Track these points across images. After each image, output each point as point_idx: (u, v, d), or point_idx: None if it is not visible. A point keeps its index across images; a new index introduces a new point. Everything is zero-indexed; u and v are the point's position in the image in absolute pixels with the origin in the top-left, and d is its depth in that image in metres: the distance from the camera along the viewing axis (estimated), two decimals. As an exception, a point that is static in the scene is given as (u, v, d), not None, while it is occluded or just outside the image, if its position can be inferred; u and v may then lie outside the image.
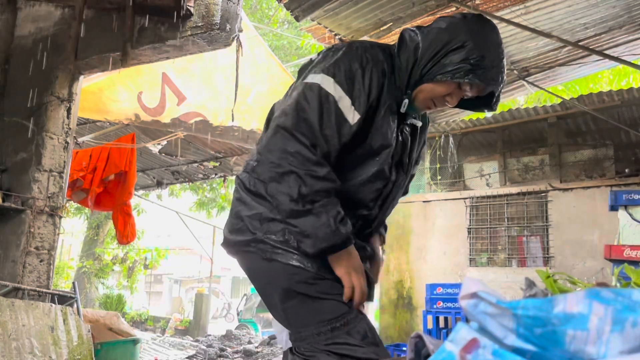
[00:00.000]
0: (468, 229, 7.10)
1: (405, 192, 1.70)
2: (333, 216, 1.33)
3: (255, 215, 1.45)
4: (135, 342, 5.05)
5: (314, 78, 1.39)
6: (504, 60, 1.47)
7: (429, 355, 0.79)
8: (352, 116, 1.37)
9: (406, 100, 1.47)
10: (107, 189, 6.12)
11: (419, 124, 1.61)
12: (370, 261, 1.62)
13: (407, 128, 1.57)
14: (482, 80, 1.39)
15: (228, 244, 1.55)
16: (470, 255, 7.05)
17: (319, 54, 1.51)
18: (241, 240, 1.47)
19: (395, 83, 1.47)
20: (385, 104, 1.44)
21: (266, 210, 1.43)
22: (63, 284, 13.46)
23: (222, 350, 8.31)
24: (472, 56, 1.37)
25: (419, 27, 1.50)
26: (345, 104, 1.36)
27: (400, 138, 1.54)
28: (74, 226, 18.28)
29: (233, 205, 1.54)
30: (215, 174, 8.18)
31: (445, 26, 1.43)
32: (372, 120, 1.43)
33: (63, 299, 3.62)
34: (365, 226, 1.55)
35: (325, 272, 1.39)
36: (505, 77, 1.49)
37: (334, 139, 1.36)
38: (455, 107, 1.54)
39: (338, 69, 1.38)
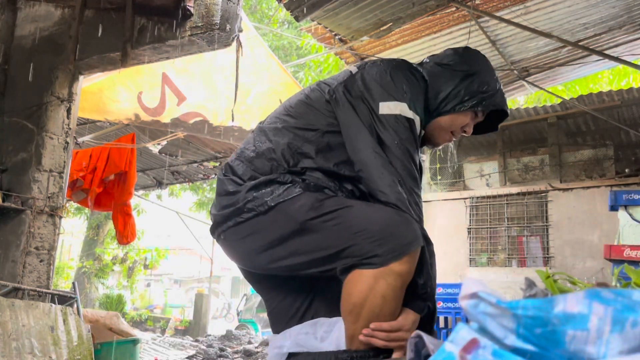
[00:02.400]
0: (468, 229, 7.10)
1: None
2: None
3: (247, 184, 1.39)
4: (135, 342, 5.05)
5: (394, 108, 1.38)
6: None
7: (429, 355, 0.79)
8: (419, 128, 1.44)
9: (422, 131, 1.52)
10: (107, 189, 6.12)
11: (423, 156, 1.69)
12: None
13: None
14: (496, 105, 1.52)
15: (218, 223, 1.45)
16: (470, 255, 7.05)
17: (359, 68, 1.49)
18: (234, 209, 1.38)
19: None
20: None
21: (262, 176, 1.39)
22: (63, 284, 13.47)
23: (222, 350, 8.31)
24: (481, 85, 1.49)
25: (418, 65, 1.59)
26: (417, 124, 1.42)
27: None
28: (74, 226, 18.28)
29: (220, 186, 1.47)
30: (215, 174, 8.18)
31: (447, 61, 1.54)
32: None
33: (63, 299, 3.62)
34: None
35: (328, 193, 1.36)
36: None
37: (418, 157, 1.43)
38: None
39: (402, 89, 1.41)
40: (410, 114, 1.39)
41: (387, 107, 1.38)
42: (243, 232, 1.40)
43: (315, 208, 1.31)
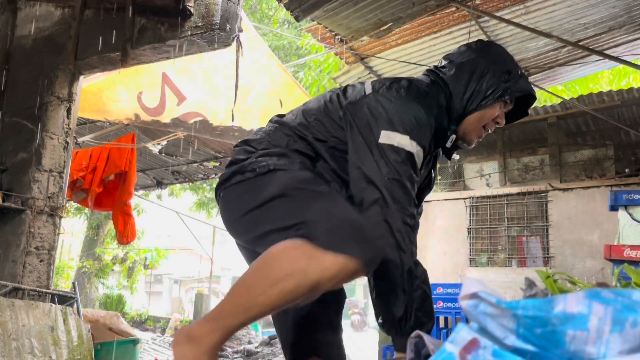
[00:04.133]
0: (468, 229, 7.10)
1: None
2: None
3: (258, 153, 1.43)
4: (135, 342, 5.05)
5: (394, 139, 1.37)
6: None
7: (429, 355, 0.79)
8: (420, 162, 1.43)
9: (453, 136, 1.53)
10: (107, 189, 6.12)
11: (457, 156, 1.68)
12: None
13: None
14: (522, 90, 1.52)
15: (222, 182, 1.47)
16: (470, 255, 7.05)
17: (374, 89, 1.48)
18: (239, 166, 1.42)
19: (441, 122, 1.52)
20: (436, 144, 1.53)
21: (276, 149, 1.42)
22: (63, 284, 13.47)
23: (222, 350, 8.31)
24: (502, 75, 1.49)
25: (432, 69, 1.60)
26: (420, 157, 1.41)
27: (432, 173, 1.63)
28: (74, 226, 18.28)
29: (231, 157, 1.50)
30: (215, 174, 8.18)
31: (462, 59, 1.54)
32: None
33: (63, 299, 3.62)
34: None
35: (323, 180, 1.38)
36: None
37: (415, 192, 1.42)
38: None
39: (409, 121, 1.40)
40: (411, 146, 1.37)
41: (387, 137, 1.37)
42: (239, 190, 1.41)
43: (306, 181, 1.33)
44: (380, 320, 1.35)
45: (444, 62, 1.59)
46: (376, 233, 1.26)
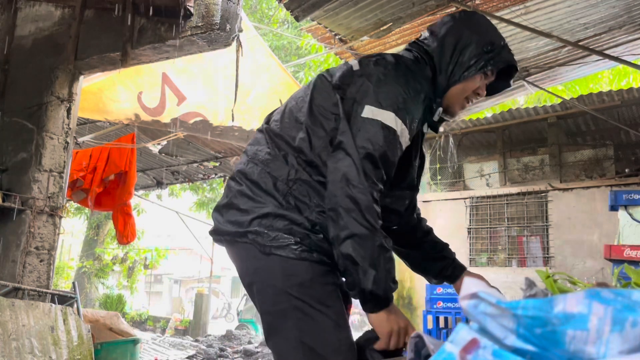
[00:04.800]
0: (468, 229, 7.10)
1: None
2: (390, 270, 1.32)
3: (258, 209, 1.38)
4: (135, 342, 5.05)
5: (378, 114, 1.34)
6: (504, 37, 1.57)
7: (429, 355, 0.79)
8: (405, 142, 1.39)
9: (440, 109, 1.52)
10: (107, 189, 6.12)
11: (441, 129, 1.67)
12: None
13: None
14: (505, 61, 1.50)
15: (220, 233, 1.47)
16: (470, 255, 7.05)
17: (361, 65, 1.46)
18: (237, 231, 1.40)
19: (428, 95, 1.50)
20: (424, 120, 1.51)
21: (273, 206, 1.38)
22: (63, 284, 13.47)
23: (222, 350, 8.32)
24: (484, 45, 1.47)
25: (416, 42, 1.58)
26: (404, 136, 1.38)
27: (423, 150, 1.63)
28: (74, 226, 18.29)
29: (232, 196, 1.46)
30: (215, 174, 8.18)
31: (445, 31, 1.52)
32: (414, 137, 1.48)
33: (63, 299, 3.62)
34: (401, 233, 1.65)
35: (322, 277, 1.36)
36: None
37: (392, 169, 1.38)
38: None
39: (395, 99, 1.37)
40: (395, 124, 1.34)
41: (371, 112, 1.34)
42: (241, 252, 1.44)
43: (301, 285, 1.33)
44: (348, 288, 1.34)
45: (427, 34, 1.56)
46: (345, 205, 1.26)
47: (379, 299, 1.29)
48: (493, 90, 1.63)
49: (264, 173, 1.42)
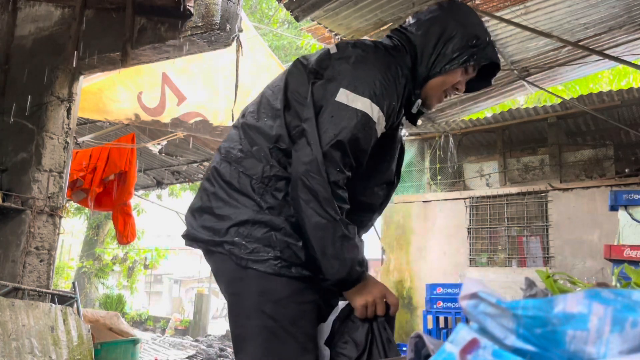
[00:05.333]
0: (468, 229, 7.10)
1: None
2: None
3: (235, 215, 1.31)
4: (135, 342, 5.05)
5: (352, 99, 1.28)
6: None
7: (429, 355, 0.79)
8: (380, 129, 1.34)
9: (419, 101, 1.46)
10: (107, 189, 6.12)
11: (420, 122, 1.62)
12: None
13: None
14: (487, 58, 1.44)
15: (194, 239, 1.40)
16: (470, 255, 7.05)
17: (338, 49, 1.41)
18: (212, 239, 1.34)
19: (408, 85, 1.44)
20: (401, 110, 1.44)
21: (251, 211, 1.31)
22: (63, 284, 13.47)
23: (222, 350, 8.32)
24: (469, 39, 1.40)
25: (398, 29, 1.52)
26: (380, 123, 1.33)
27: (403, 141, 1.56)
28: (74, 226, 18.28)
29: (206, 199, 1.39)
30: (215, 174, 8.17)
31: (430, 20, 1.45)
32: (391, 127, 1.42)
33: (63, 299, 3.62)
34: (368, 228, 1.58)
35: (299, 295, 1.31)
36: None
37: (364, 157, 1.34)
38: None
39: (373, 83, 1.30)
40: (371, 111, 1.28)
41: (345, 96, 1.28)
42: (217, 262, 1.38)
43: (276, 304, 1.29)
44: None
45: (412, 21, 1.50)
46: (304, 197, 1.23)
47: (346, 282, 1.28)
48: (472, 88, 1.58)
49: (237, 172, 1.35)
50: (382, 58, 1.37)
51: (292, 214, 1.30)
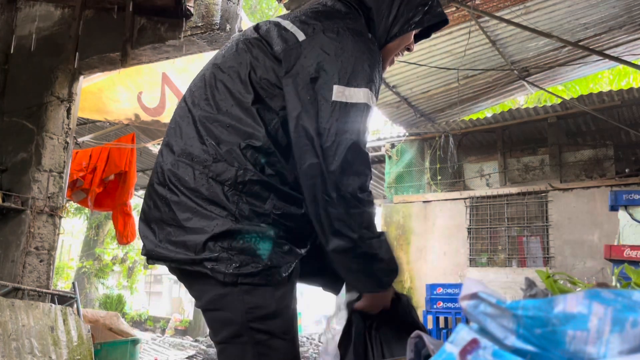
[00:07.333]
0: (468, 229, 7.10)
1: None
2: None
3: (211, 227, 1.15)
4: (135, 342, 5.05)
5: (350, 95, 1.16)
6: None
7: (429, 355, 0.79)
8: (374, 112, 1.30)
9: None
10: (107, 189, 6.12)
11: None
12: None
13: None
14: (439, 15, 1.38)
15: (162, 259, 1.21)
16: (470, 255, 7.05)
17: (306, 34, 1.22)
18: (190, 258, 1.16)
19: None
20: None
21: (229, 221, 1.15)
22: (63, 284, 13.47)
23: (222, 350, 8.30)
24: (421, 0, 1.34)
25: None
26: (374, 104, 1.25)
27: None
28: (74, 226, 18.28)
29: (166, 208, 1.20)
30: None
31: None
32: None
33: (63, 299, 3.62)
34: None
35: (284, 300, 1.22)
36: None
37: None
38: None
39: (364, 71, 1.18)
40: (371, 99, 1.19)
41: (342, 93, 1.15)
42: (197, 283, 1.22)
43: (265, 318, 1.18)
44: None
45: None
46: (324, 221, 1.14)
47: (382, 287, 1.26)
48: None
49: (205, 178, 1.17)
50: (359, 35, 1.24)
51: (271, 225, 1.18)
